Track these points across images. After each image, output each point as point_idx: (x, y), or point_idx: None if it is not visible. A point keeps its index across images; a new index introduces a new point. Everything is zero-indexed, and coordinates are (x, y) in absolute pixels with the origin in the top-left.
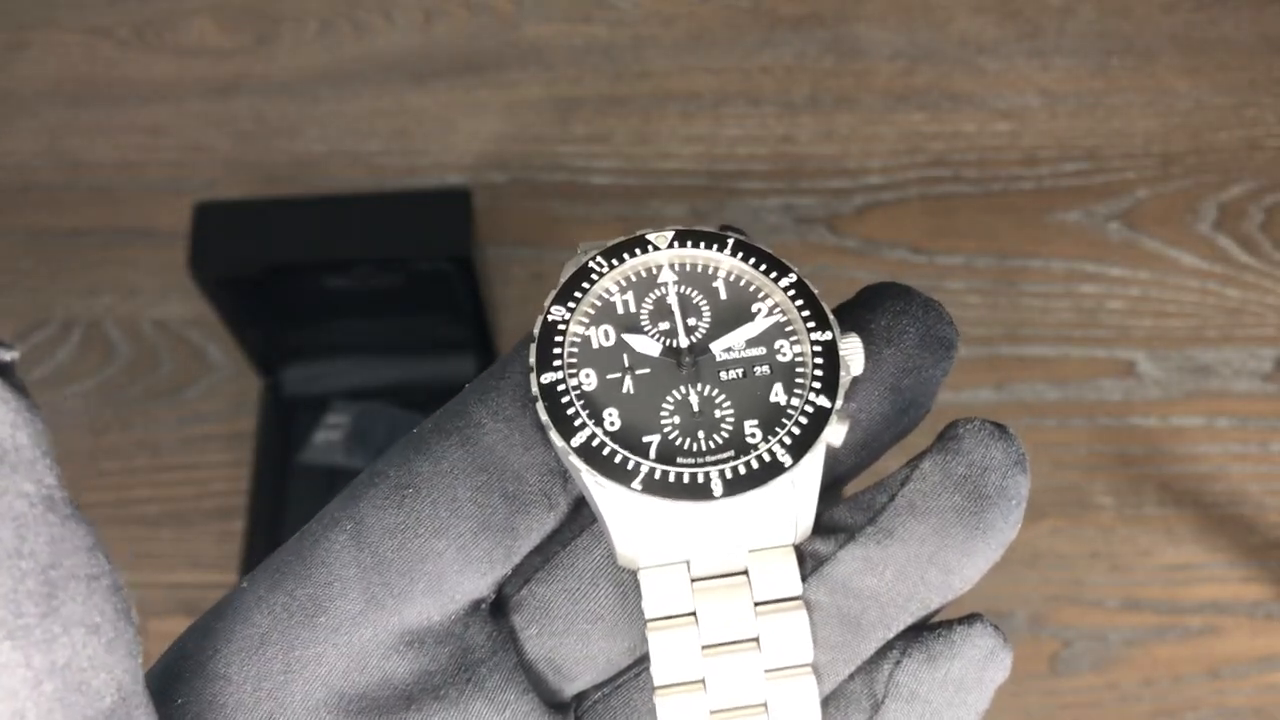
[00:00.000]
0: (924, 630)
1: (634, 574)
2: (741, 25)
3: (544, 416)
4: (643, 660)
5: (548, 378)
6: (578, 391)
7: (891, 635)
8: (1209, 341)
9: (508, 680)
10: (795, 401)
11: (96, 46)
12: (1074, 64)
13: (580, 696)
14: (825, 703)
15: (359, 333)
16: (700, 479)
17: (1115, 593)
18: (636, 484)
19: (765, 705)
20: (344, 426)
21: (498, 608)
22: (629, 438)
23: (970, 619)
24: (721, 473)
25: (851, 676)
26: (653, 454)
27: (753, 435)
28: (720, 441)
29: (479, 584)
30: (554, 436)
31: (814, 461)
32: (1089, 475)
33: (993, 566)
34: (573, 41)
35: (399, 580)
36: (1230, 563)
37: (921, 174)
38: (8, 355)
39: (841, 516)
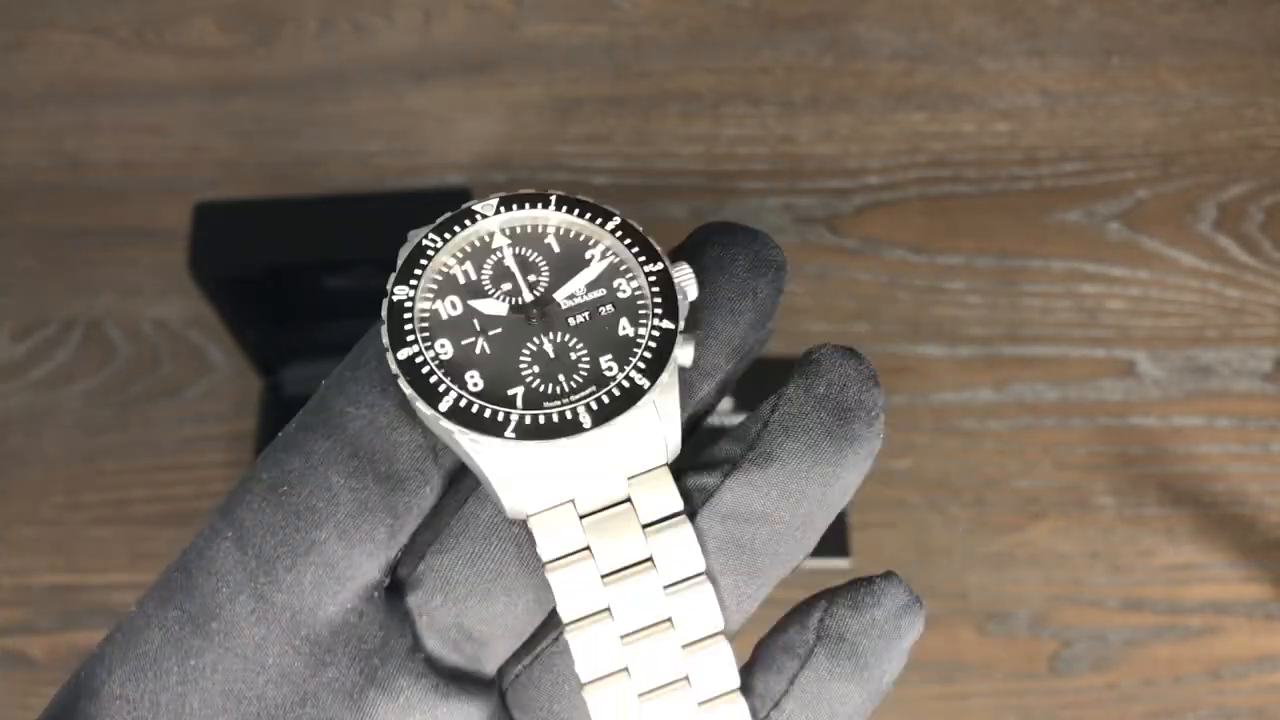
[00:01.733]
0: (847, 584)
1: (524, 525)
2: (741, 25)
3: (408, 390)
4: (554, 622)
5: (404, 353)
6: (436, 361)
7: (787, 559)
8: (1209, 341)
9: (400, 668)
10: (642, 331)
11: (97, 46)
12: (1074, 64)
13: (502, 672)
14: (758, 657)
15: (359, 333)
16: (569, 415)
17: (1115, 593)
18: (510, 432)
19: (670, 620)
20: None
21: (394, 591)
22: (494, 394)
23: (886, 574)
24: (588, 405)
25: (784, 628)
26: (519, 403)
27: (610, 368)
28: (581, 380)
29: (366, 567)
30: (421, 406)
31: (670, 380)
32: (1089, 475)
33: (991, 566)
34: (573, 41)
35: (285, 575)
36: (1230, 563)
37: (921, 174)
38: None
39: (722, 450)
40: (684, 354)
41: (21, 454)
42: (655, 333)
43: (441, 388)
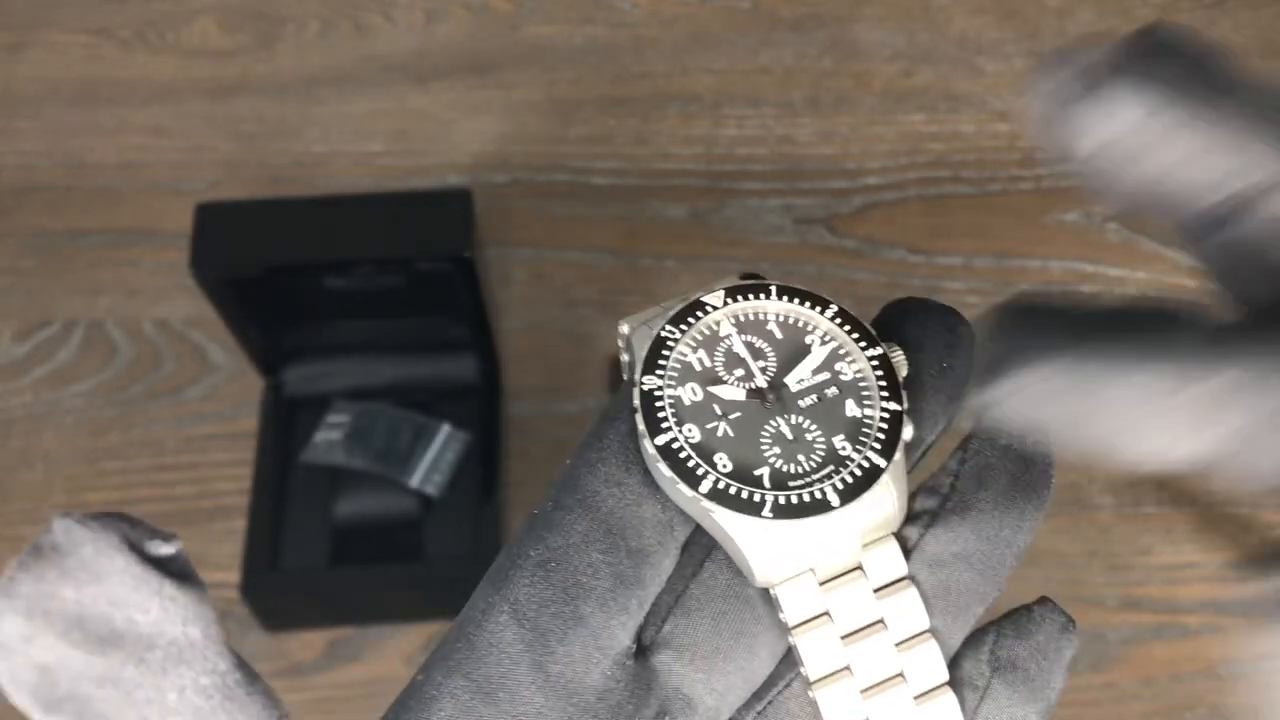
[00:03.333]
0: (1008, 615)
1: (762, 590)
2: (741, 26)
3: (668, 473)
4: (782, 672)
5: (661, 439)
6: (690, 445)
7: (985, 599)
8: None
9: None
10: (870, 412)
11: (98, 47)
12: None
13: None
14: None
15: (360, 333)
16: (818, 495)
17: (1114, 592)
18: (767, 512)
19: (902, 674)
20: (344, 426)
21: (641, 655)
22: (743, 474)
23: (1041, 600)
24: (834, 486)
25: (959, 663)
26: (768, 483)
27: (844, 448)
28: (819, 460)
29: (621, 635)
30: (682, 489)
31: (900, 458)
32: (1088, 475)
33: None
34: (573, 42)
35: (559, 646)
36: (1229, 562)
37: (921, 174)
38: (169, 548)
39: (920, 503)
40: (906, 431)
41: (23, 454)
42: (884, 414)
43: (699, 471)
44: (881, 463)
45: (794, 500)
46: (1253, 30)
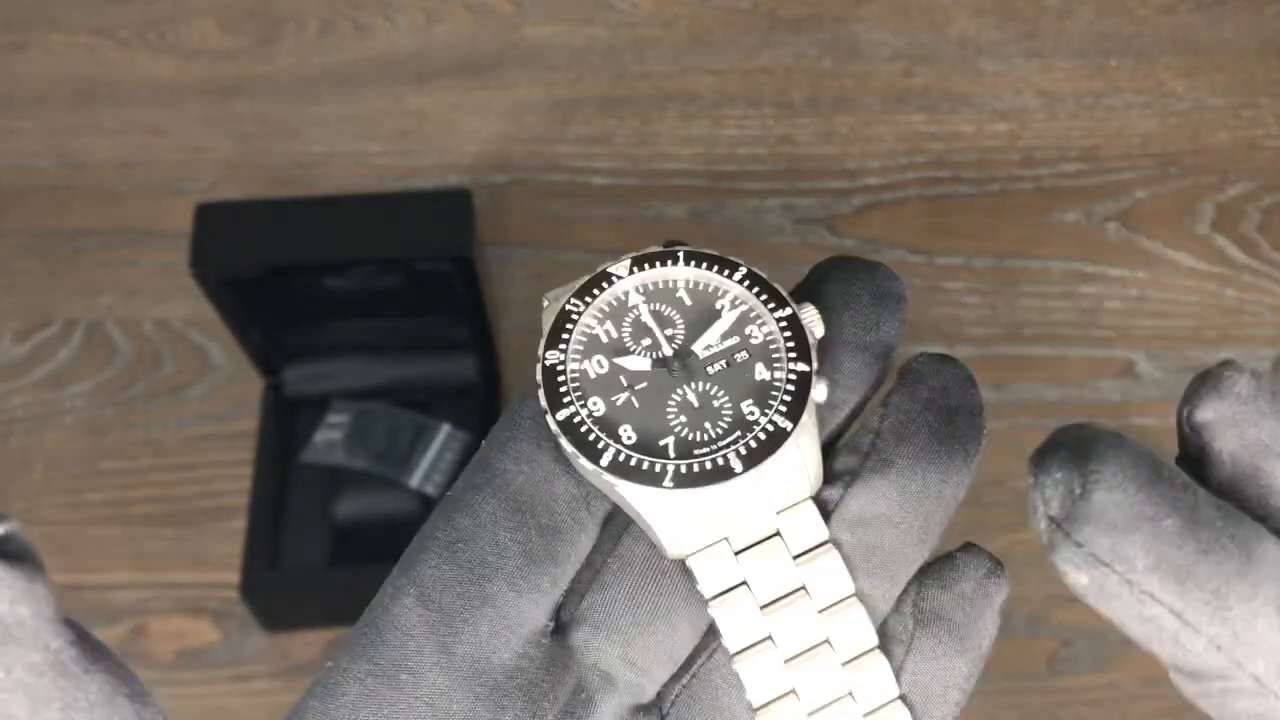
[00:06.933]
0: (931, 564)
1: (680, 562)
2: (741, 26)
3: (569, 448)
4: (706, 644)
5: (562, 414)
6: (591, 418)
7: (915, 559)
8: (1207, 342)
9: (569, 704)
10: (778, 375)
11: (98, 47)
12: (1073, 65)
13: (661, 696)
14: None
15: (360, 333)
16: (720, 462)
17: None
18: (668, 482)
19: (828, 641)
20: (344, 426)
21: (558, 632)
22: (647, 445)
23: (966, 546)
24: (737, 451)
25: (884, 619)
26: (671, 453)
27: (751, 413)
28: (726, 426)
29: (535, 613)
30: (583, 462)
31: (810, 420)
32: None
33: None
34: (573, 42)
35: (465, 627)
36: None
37: (920, 175)
38: (0, 529)
39: (841, 463)
40: (819, 392)
41: (23, 454)
42: (791, 376)
43: (600, 444)
44: (787, 425)
45: (695, 469)
46: (1251, 31)
